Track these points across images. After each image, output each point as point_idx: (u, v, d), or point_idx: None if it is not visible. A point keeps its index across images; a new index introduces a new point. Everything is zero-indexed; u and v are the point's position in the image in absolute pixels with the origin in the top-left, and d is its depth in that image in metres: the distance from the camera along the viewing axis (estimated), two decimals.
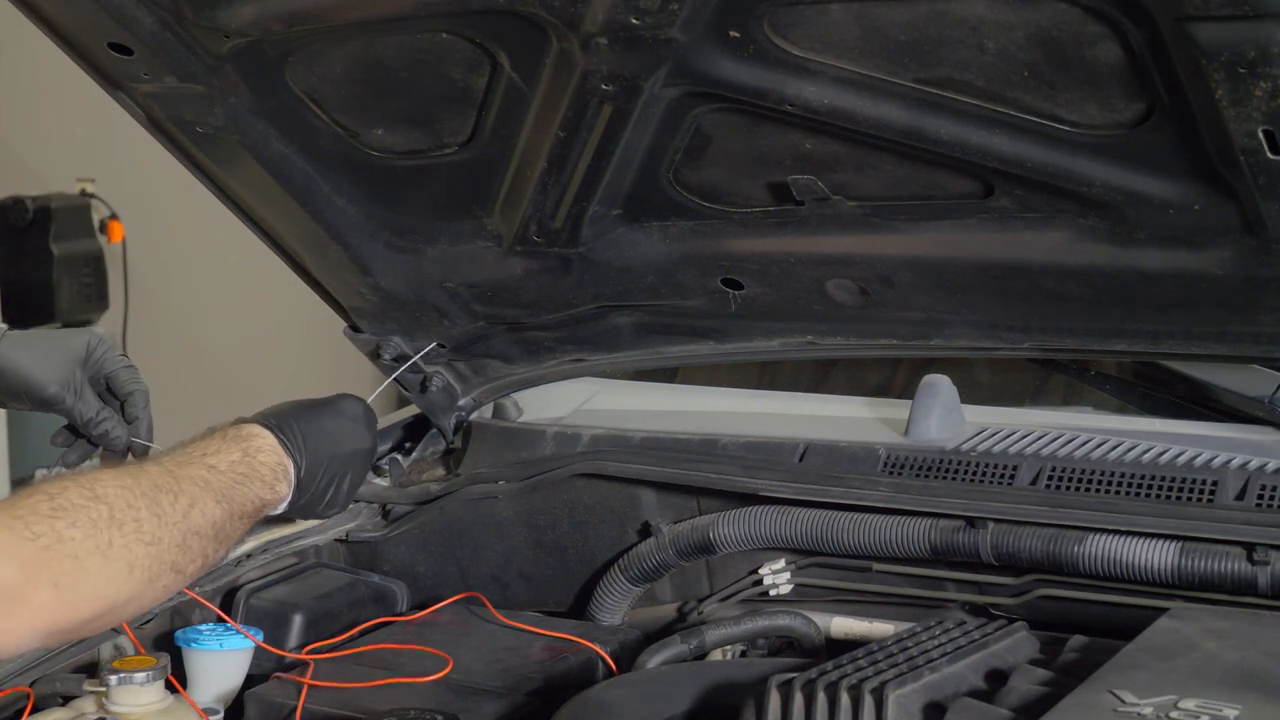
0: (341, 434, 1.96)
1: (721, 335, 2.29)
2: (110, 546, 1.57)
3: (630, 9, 1.76)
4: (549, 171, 2.04)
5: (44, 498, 1.56)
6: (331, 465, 1.92)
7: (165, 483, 1.68)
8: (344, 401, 1.99)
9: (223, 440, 1.82)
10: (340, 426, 1.96)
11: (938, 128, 1.81)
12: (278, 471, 1.85)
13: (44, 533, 1.52)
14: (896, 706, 1.56)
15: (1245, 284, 1.87)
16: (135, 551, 1.60)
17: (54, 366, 1.98)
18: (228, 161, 2.16)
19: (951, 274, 2.04)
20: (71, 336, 2.02)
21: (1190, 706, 1.44)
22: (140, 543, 1.60)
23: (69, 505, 1.56)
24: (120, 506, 1.60)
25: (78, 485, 1.59)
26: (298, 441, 1.88)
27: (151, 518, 1.63)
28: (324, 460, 1.91)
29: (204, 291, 5.74)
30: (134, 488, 1.63)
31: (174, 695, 1.92)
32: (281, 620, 2.13)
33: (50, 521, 1.53)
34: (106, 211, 5.71)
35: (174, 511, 1.66)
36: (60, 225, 5.49)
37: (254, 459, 1.83)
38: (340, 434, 1.95)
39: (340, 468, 1.94)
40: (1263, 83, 1.58)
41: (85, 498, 1.58)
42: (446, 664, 2.00)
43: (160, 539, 1.63)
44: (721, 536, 2.15)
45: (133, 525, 1.60)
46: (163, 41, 1.97)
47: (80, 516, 1.56)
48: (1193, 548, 1.89)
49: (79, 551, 1.54)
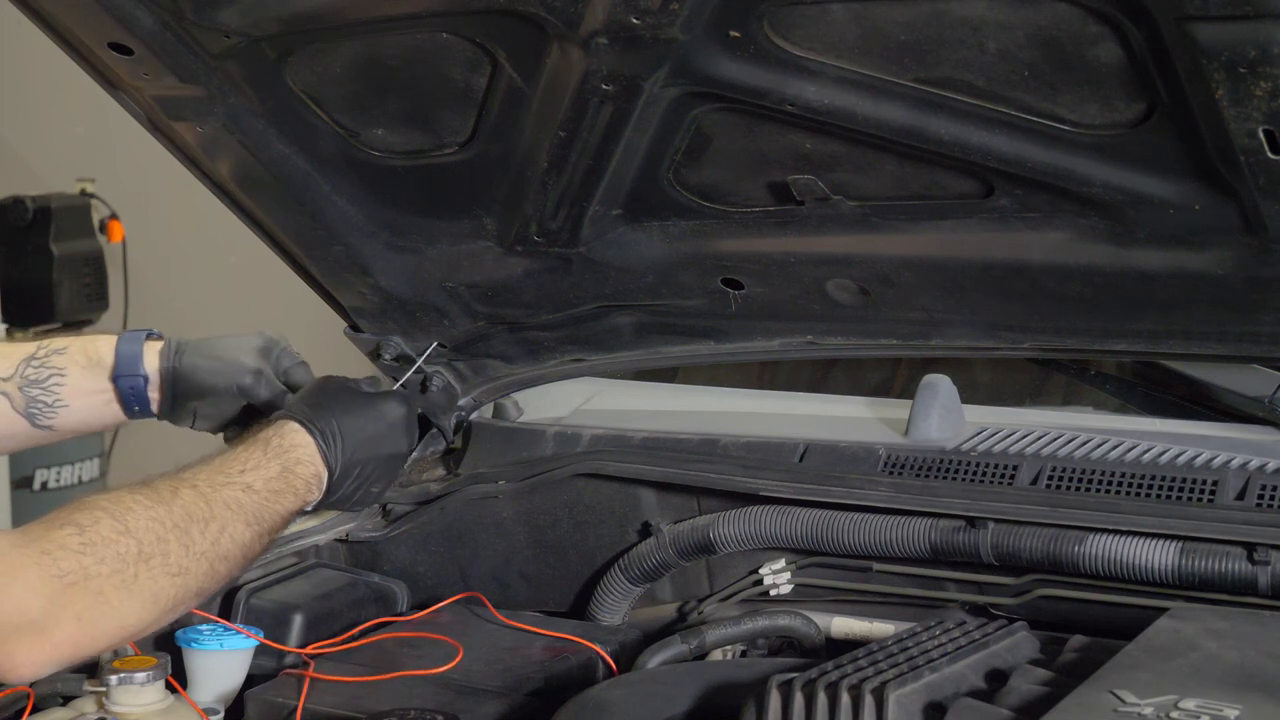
0: (380, 438, 1.99)
1: (721, 335, 2.29)
2: (136, 580, 1.62)
3: (630, 9, 1.76)
4: (549, 171, 2.04)
5: (74, 530, 1.61)
6: (365, 469, 1.96)
7: (198, 510, 1.73)
8: (389, 404, 2.02)
9: (264, 453, 1.87)
10: (380, 430, 1.99)
11: (938, 128, 1.81)
12: (312, 483, 1.90)
13: (71, 569, 1.57)
14: (897, 706, 1.56)
15: (1245, 284, 1.87)
16: (160, 584, 1.65)
17: (241, 360, 2.03)
18: (228, 162, 2.15)
19: (952, 274, 2.04)
20: (249, 335, 2.08)
21: (1190, 706, 1.44)
22: (166, 575, 1.66)
23: (98, 540, 1.61)
24: (150, 540, 1.65)
25: (109, 517, 1.64)
26: (336, 447, 1.92)
27: (180, 549, 1.68)
28: (358, 464, 1.95)
29: (204, 291, 5.74)
30: (165, 519, 1.68)
31: (174, 695, 1.92)
32: (281, 620, 2.13)
33: (78, 558, 1.58)
34: (106, 211, 5.71)
35: (203, 540, 1.71)
36: (60, 225, 5.49)
37: (292, 472, 1.88)
38: (379, 438, 1.99)
39: (373, 471, 1.97)
40: (1263, 82, 1.58)
41: (115, 531, 1.63)
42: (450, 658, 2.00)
43: (187, 569, 1.69)
44: (721, 536, 2.15)
45: (160, 560, 1.66)
46: (163, 41, 1.97)
47: (108, 552, 1.61)
48: (1193, 548, 1.89)
49: (104, 587, 1.59)
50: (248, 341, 2.07)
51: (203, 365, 2.02)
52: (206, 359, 2.03)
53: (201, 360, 2.03)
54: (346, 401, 1.98)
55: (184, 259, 5.81)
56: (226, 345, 2.06)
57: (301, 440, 1.90)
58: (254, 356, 2.04)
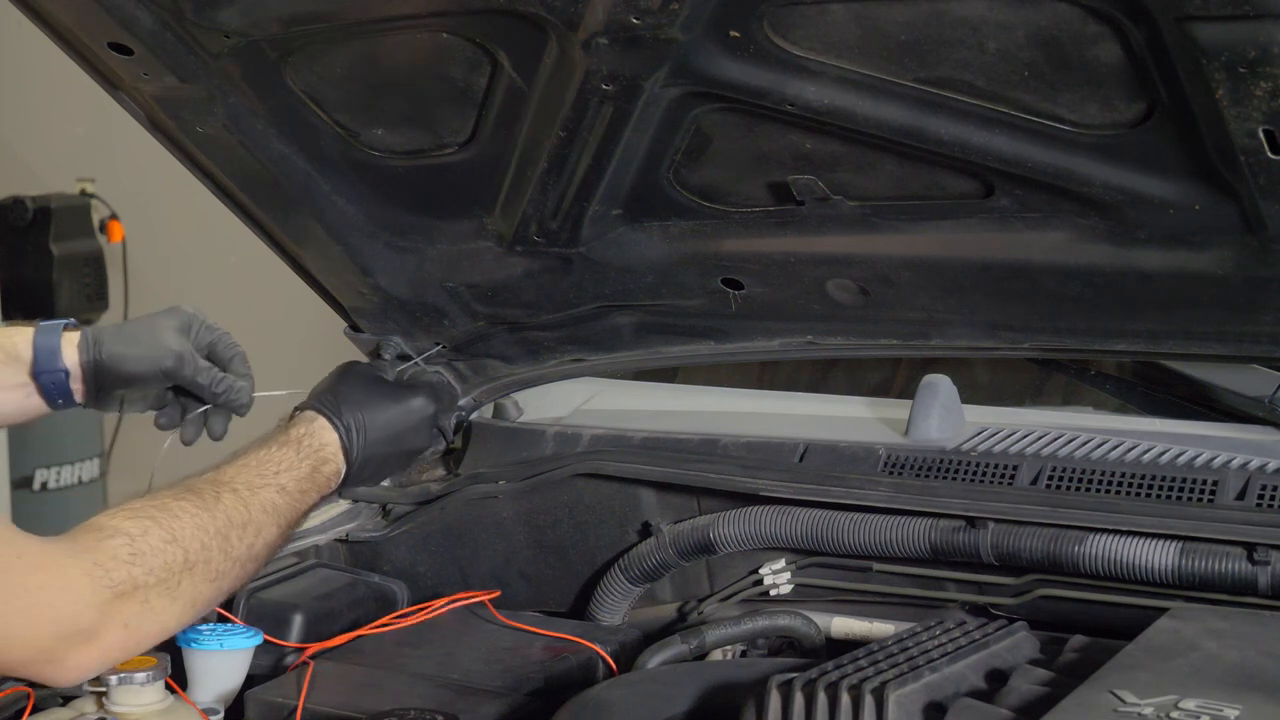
0: (401, 435, 2.09)
1: (721, 335, 2.29)
2: (179, 586, 1.71)
3: (630, 9, 1.76)
4: (549, 171, 2.04)
5: (125, 541, 1.68)
6: (381, 462, 2.05)
7: (238, 515, 1.81)
8: (415, 400, 2.09)
9: (297, 453, 1.95)
10: (403, 426, 2.09)
11: (938, 128, 1.81)
12: (332, 479, 1.99)
13: (122, 580, 1.65)
14: (897, 706, 1.56)
15: (1245, 284, 1.87)
16: (200, 590, 1.74)
17: (162, 342, 2.04)
18: (228, 162, 2.16)
19: (952, 274, 2.04)
20: (164, 316, 2.08)
21: (1191, 706, 1.44)
22: (206, 581, 1.75)
23: (148, 550, 1.69)
24: (195, 549, 1.74)
25: (158, 526, 1.72)
26: (357, 440, 2.00)
27: (220, 555, 1.77)
28: (375, 459, 2.04)
29: (204, 291, 5.70)
30: (209, 525, 1.77)
31: (174, 695, 1.92)
32: (281, 620, 2.13)
33: (128, 568, 1.66)
34: (106, 211, 5.71)
35: (241, 546, 1.80)
36: (60, 225, 5.49)
37: (319, 471, 1.97)
38: (400, 435, 2.09)
39: (386, 462, 2.07)
40: (1263, 82, 1.58)
41: (164, 540, 1.71)
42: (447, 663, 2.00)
43: (224, 573, 1.78)
44: (721, 536, 2.15)
45: (203, 567, 1.74)
46: (163, 41, 1.97)
47: (157, 562, 1.69)
48: (1193, 548, 1.89)
49: (150, 596, 1.68)
50: (165, 321, 2.07)
51: (124, 353, 2.02)
52: (127, 347, 2.03)
53: (121, 348, 2.03)
54: (373, 394, 2.06)
55: (184, 259, 5.81)
56: (145, 330, 2.06)
57: (329, 438, 1.99)
58: (174, 337, 2.04)
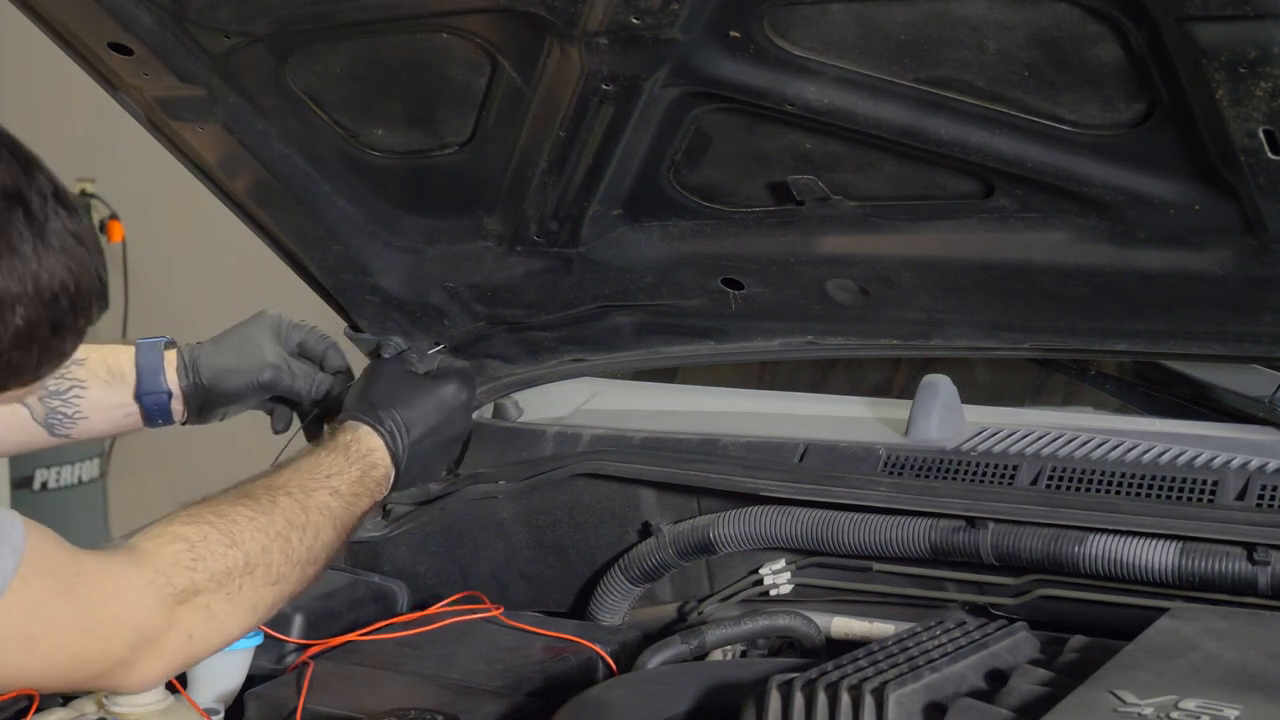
0: (441, 425, 2.09)
1: (721, 335, 2.29)
2: (240, 591, 1.71)
3: (630, 9, 1.76)
4: (549, 171, 2.04)
5: (185, 547, 1.69)
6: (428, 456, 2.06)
7: (296, 518, 1.81)
8: (447, 387, 2.11)
9: (345, 459, 1.96)
10: (441, 416, 2.09)
11: (938, 128, 1.81)
12: (383, 482, 2.00)
13: (184, 587, 1.66)
14: (897, 706, 1.56)
15: (1245, 284, 1.87)
16: (261, 594, 1.74)
17: (256, 353, 2.08)
18: (228, 161, 2.15)
19: (952, 274, 2.04)
20: (253, 326, 2.12)
21: (1191, 707, 1.44)
22: (266, 584, 1.75)
23: (208, 555, 1.69)
24: (255, 552, 1.74)
25: (216, 531, 1.72)
26: (401, 440, 2.01)
27: (280, 557, 1.77)
28: (422, 455, 2.05)
29: (204, 291, 5.73)
30: (268, 528, 1.77)
31: (174, 695, 1.92)
32: (281, 620, 2.13)
33: (190, 574, 1.67)
34: (106, 211, 5.71)
35: (300, 548, 1.80)
36: None
37: (369, 475, 1.97)
38: (440, 425, 2.09)
39: (435, 455, 2.08)
40: (1263, 82, 1.58)
41: (223, 544, 1.71)
42: (447, 663, 2.00)
43: (284, 577, 1.77)
44: (721, 536, 2.15)
45: (263, 570, 1.74)
46: (163, 41, 1.97)
47: (217, 567, 1.69)
48: (1193, 548, 1.89)
49: (212, 602, 1.68)
50: (257, 332, 2.10)
51: (223, 373, 2.07)
52: (225, 367, 2.08)
53: (220, 368, 2.07)
54: (406, 391, 2.07)
55: (184, 259, 5.81)
56: (238, 343, 2.09)
57: (375, 444, 2.00)
58: (269, 347, 2.09)
